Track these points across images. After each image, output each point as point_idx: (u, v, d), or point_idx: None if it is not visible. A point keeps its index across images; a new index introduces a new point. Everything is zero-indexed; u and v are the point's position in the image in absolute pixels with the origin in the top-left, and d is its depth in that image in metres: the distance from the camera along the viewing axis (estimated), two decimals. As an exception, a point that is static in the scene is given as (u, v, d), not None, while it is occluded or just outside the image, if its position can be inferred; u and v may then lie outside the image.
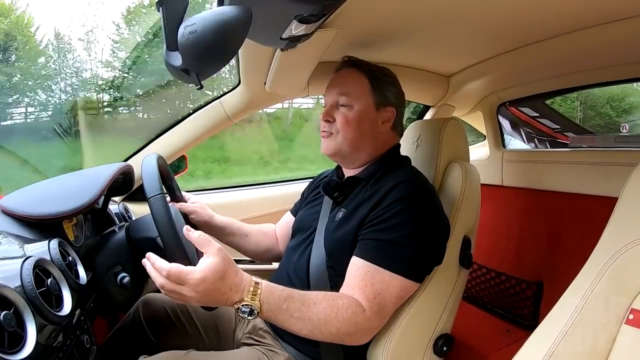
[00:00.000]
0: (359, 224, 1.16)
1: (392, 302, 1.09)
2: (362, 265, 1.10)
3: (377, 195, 1.17)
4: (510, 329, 1.92)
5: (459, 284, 1.29)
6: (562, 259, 1.83)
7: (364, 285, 1.07)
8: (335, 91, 1.31)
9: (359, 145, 1.30)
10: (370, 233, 1.13)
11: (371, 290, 1.06)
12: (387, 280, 1.08)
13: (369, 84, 1.30)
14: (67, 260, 0.96)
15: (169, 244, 1.01)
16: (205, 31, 0.72)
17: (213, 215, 1.54)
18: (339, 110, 1.30)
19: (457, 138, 1.44)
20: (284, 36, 0.93)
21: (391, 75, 1.36)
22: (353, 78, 1.31)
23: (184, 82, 0.85)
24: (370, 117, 1.29)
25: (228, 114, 1.79)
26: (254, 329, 1.31)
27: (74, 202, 1.09)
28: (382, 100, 1.30)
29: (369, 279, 1.07)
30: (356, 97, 1.28)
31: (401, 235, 1.09)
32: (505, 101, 2.16)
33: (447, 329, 1.28)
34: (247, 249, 1.60)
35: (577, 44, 1.31)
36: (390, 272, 1.08)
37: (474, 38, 1.36)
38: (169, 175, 1.47)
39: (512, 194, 2.12)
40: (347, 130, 1.27)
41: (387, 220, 1.12)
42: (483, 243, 2.08)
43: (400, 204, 1.12)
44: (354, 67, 1.33)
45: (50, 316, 0.79)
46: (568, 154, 1.91)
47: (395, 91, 1.35)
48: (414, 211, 1.12)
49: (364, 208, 1.18)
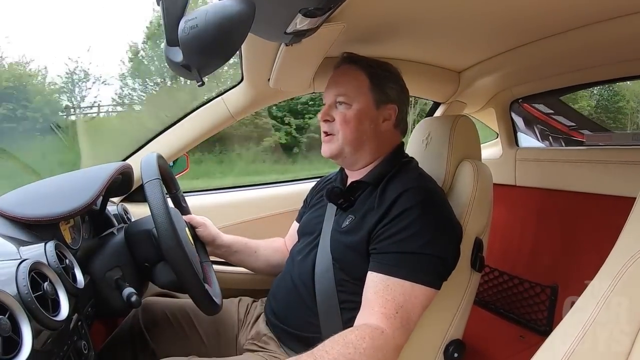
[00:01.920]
0: (368, 232, 1.15)
1: (416, 313, 1.08)
2: (380, 280, 1.08)
3: (385, 203, 1.16)
4: (524, 335, 1.91)
5: (471, 288, 1.29)
6: (577, 262, 1.82)
7: (384, 301, 1.05)
8: (333, 90, 1.31)
9: (360, 145, 1.29)
10: (384, 246, 1.12)
11: (392, 305, 1.04)
12: (409, 291, 1.06)
13: (368, 81, 1.29)
14: (64, 264, 0.96)
15: (163, 231, 1.01)
16: (207, 26, 0.71)
17: (219, 233, 1.53)
18: (337, 109, 1.29)
19: (469, 136, 1.43)
20: (289, 31, 0.93)
21: (393, 71, 1.34)
22: (351, 76, 1.30)
23: (184, 78, 0.85)
24: (370, 115, 1.28)
25: (231, 111, 1.79)
26: (258, 334, 1.31)
27: (71, 203, 1.09)
28: (382, 98, 1.29)
29: (389, 293, 1.06)
30: (355, 95, 1.27)
31: (417, 246, 1.08)
32: (519, 97, 2.16)
33: (458, 335, 1.27)
34: (257, 266, 1.59)
35: (594, 37, 1.29)
36: (412, 283, 1.07)
37: (486, 31, 1.35)
38: (172, 181, 1.48)
39: (526, 194, 2.12)
40: (347, 130, 1.26)
41: (400, 232, 1.10)
42: (495, 245, 2.08)
43: (411, 214, 1.11)
44: (352, 64, 1.32)
45: (47, 321, 0.79)
46: (584, 153, 1.89)
47: (397, 88, 1.33)
48: (426, 220, 1.11)
49: (373, 216, 1.17)
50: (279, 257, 1.59)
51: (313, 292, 1.22)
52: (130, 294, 1.11)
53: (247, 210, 2.07)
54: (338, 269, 1.20)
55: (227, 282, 1.69)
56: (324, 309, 1.20)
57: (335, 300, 1.19)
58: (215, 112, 1.80)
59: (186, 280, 1.07)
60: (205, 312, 1.15)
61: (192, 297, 1.10)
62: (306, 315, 1.23)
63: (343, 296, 1.18)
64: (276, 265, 1.57)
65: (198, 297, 1.10)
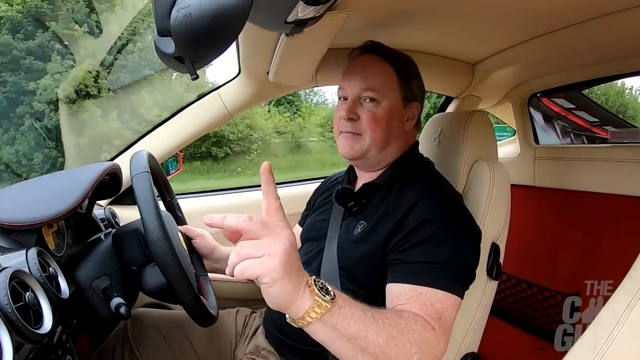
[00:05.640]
0: (384, 240, 1.13)
1: (451, 324, 1.04)
2: (410, 289, 1.04)
3: (402, 209, 1.14)
4: (544, 347, 1.91)
5: (487, 297, 1.28)
6: (601, 268, 1.81)
7: (422, 305, 1.00)
8: (358, 84, 1.24)
9: (386, 147, 1.25)
10: (411, 256, 1.08)
11: (433, 310, 1.00)
12: (444, 299, 1.02)
13: (396, 76, 1.24)
14: (47, 272, 0.95)
15: (150, 225, 1.01)
16: (201, 14, 0.71)
17: (218, 245, 1.50)
18: (362, 106, 1.24)
19: (484, 133, 1.42)
20: (290, 20, 0.93)
21: (415, 65, 1.32)
22: (379, 69, 1.25)
23: (177, 71, 0.84)
24: (398, 114, 1.25)
25: (227, 107, 1.78)
26: (256, 349, 1.30)
27: (54, 206, 1.08)
28: (408, 95, 1.26)
29: (425, 299, 1.01)
30: (384, 91, 1.22)
31: (445, 256, 1.05)
32: (537, 91, 2.15)
33: (473, 347, 1.27)
34: None
35: (617, 26, 1.28)
36: (445, 292, 1.03)
37: (502, 20, 1.35)
38: (167, 187, 1.47)
39: (545, 196, 2.11)
40: (376, 130, 1.22)
41: (424, 242, 1.08)
42: (513, 251, 2.06)
43: (434, 223, 1.08)
44: (378, 55, 1.26)
45: (29, 334, 0.78)
46: (608, 150, 1.88)
47: (419, 83, 1.31)
48: (450, 228, 1.09)
49: (389, 222, 1.14)
50: None
51: None
52: (118, 305, 1.10)
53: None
54: (346, 279, 1.18)
55: (222, 291, 1.68)
56: None
57: None
58: (210, 108, 1.80)
59: (174, 280, 1.06)
60: (198, 321, 1.14)
61: (182, 303, 1.09)
62: None
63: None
64: None
65: (189, 303, 1.09)
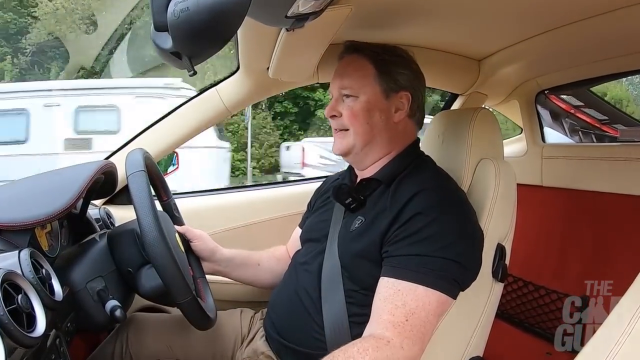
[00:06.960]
0: (381, 235, 1.15)
1: (430, 322, 1.07)
2: (391, 284, 1.09)
3: (399, 204, 1.16)
4: (551, 352, 1.90)
5: (492, 300, 1.28)
6: (610, 270, 1.81)
7: (393, 307, 1.06)
8: (337, 83, 1.32)
9: (371, 139, 1.28)
10: (396, 249, 1.12)
11: (402, 312, 1.04)
12: (422, 296, 1.06)
13: (373, 69, 1.28)
14: (40, 274, 0.95)
15: (146, 225, 1.01)
16: (199, 8, 0.70)
17: (218, 247, 1.50)
18: (344, 102, 1.29)
19: (489, 131, 1.41)
20: (290, 14, 0.92)
21: (403, 56, 1.34)
22: (355, 66, 1.30)
23: (174, 67, 0.84)
24: (380, 106, 1.28)
25: (226, 104, 1.78)
26: (255, 353, 1.30)
27: (48, 206, 1.08)
28: (392, 86, 1.28)
29: (399, 299, 1.06)
30: (360, 86, 1.27)
31: (432, 249, 1.08)
32: (545, 89, 2.14)
33: (478, 352, 1.27)
34: (262, 279, 1.57)
35: (628, 21, 1.27)
36: (425, 287, 1.06)
37: (509, 15, 1.34)
38: (164, 187, 1.46)
39: (553, 196, 2.10)
40: (356, 124, 1.27)
41: (414, 235, 1.10)
42: (519, 252, 2.05)
43: (427, 215, 1.11)
44: (355, 53, 1.32)
45: (21, 338, 0.78)
46: (617, 149, 1.88)
47: (408, 72, 1.32)
48: (443, 222, 1.11)
49: (385, 217, 1.17)
50: (282, 267, 1.54)
51: (319, 303, 1.21)
52: (114, 308, 1.10)
53: (239, 214, 2.05)
54: (347, 278, 1.20)
55: (222, 293, 1.68)
56: (331, 323, 1.19)
57: (344, 313, 1.18)
58: (208, 105, 1.80)
59: (171, 282, 1.06)
60: (196, 324, 1.14)
61: (180, 306, 1.09)
62: (311, 330, 1.22)
63: (352, 309, 1.18)
64: (279, 275, 1.53)
65: (186, 306, 1.09)
